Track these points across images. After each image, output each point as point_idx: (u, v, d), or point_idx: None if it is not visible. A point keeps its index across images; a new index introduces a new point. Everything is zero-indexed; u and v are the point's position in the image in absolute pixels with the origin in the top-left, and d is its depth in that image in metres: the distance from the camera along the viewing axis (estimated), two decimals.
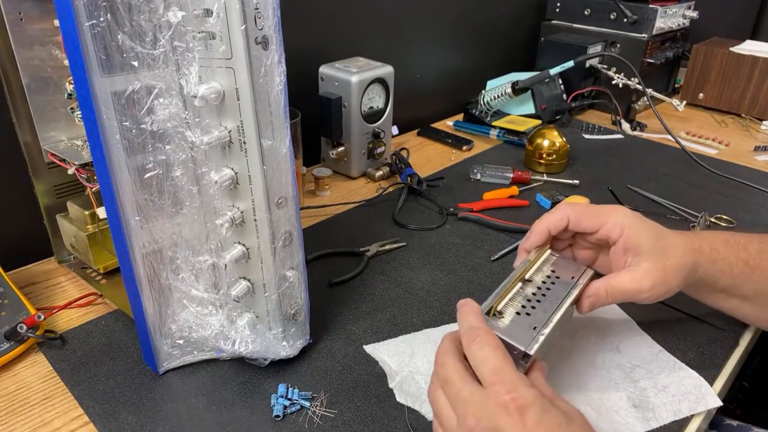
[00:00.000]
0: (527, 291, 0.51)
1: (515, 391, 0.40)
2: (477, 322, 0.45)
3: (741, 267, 0.56)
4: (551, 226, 0.56)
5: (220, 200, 0.50)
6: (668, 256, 0.53)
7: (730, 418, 0.73)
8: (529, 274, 0.53)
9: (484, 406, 0.40)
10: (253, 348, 0.56)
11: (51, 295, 0.70)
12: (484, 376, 0.42)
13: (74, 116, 0.64)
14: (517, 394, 0.40)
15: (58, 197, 0.70)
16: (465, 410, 0.41)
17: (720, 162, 1.10)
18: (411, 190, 0.95)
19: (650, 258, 0.53)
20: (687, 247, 0.55)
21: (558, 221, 0.56)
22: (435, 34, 1.27)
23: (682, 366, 0.59)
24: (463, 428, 0.41)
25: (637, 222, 0.55)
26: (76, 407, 0.55)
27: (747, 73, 1.32)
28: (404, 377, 0.57)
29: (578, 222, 0.56)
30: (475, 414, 0.40)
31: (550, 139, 1.03)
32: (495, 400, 0.40)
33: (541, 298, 0.50)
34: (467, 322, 0.46)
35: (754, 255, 0.57)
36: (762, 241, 0.58)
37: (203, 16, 0.44)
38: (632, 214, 0.56)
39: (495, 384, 0.41)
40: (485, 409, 0.40)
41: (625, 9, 1.30)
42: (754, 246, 0.57)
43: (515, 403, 0.39)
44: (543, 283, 0.52)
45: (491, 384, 0.41)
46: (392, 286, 0.72)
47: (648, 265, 0.53)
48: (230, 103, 0.47)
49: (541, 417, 0.39)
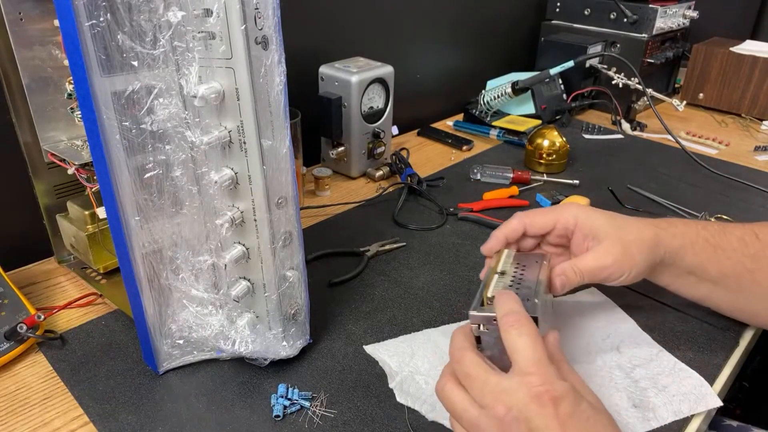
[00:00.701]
0: (506, 281, 0.53)
1: (550, 383, 0.40)
2: (517, 307, 0.45)
3: (701, 244, 0.57)
4: (508, 234, 0.59)
5: (220, 200, 0.50)
6: (626, 232, 0.55)
7: (729, 419, 0.73)
8: (500, 268, 0.55)
9: (516, 395, 0.41)
10: (253, 348, 0.56)
11: (51, 295, 0.70)
12: (519, 364, 0.42)
13: (74, 116, 0.64)
14: (552, 386, 0.40)
15: (58, 197, 0.70)
16: (494, 400, 0.41)
17: (720, 162, 1.10)
18: (411, 190, 0.95)
19: (608, 236, 0.55)
20: (644, 223, 0.57)
21: (514, 229, 0.59)
22: (435, 34, 1.27)
23: (683, 366, 0.59)
24: (490, 418, 0.41)
25: (590, 210, 0.58)
26: (76, 407, 0.55)
27: (747, 73, 1.32)
28: (404, 377, 0.57)
29: (532, 225, 0.59)
30: (505, 403, 0.41)
31: (550, 139, 1.03)
32: (528, 390, 0.40)
33: (520, 281, 0.53)
34: (507, 306, 0.46)
35: (714, 233, 0.58)
36: (723, 225, 0.59)
37: (203, 16, 0.44)
38: (584, 206, 0.59)
39: (530, 374, 0.41)
40: (517, 398, 0.40)
41: (625, 9, 1.30)
42: (714, 227, 0.59)
43: (549, 394, 0.40)
44: (515, 273, 0.54)
45: (526, 374, 0.41)
46: (392, 286, 0.72)
47: (607, 242, 0.55)
48: (230, 103, 0.47)
49: (573, 410, 0.40)
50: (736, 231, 0.58)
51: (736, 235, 0.58)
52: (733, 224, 0.60)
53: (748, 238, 0.58)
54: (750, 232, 0.58)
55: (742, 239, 0.58)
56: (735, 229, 0.59)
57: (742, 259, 0.57)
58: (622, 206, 0.92)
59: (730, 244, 0.57)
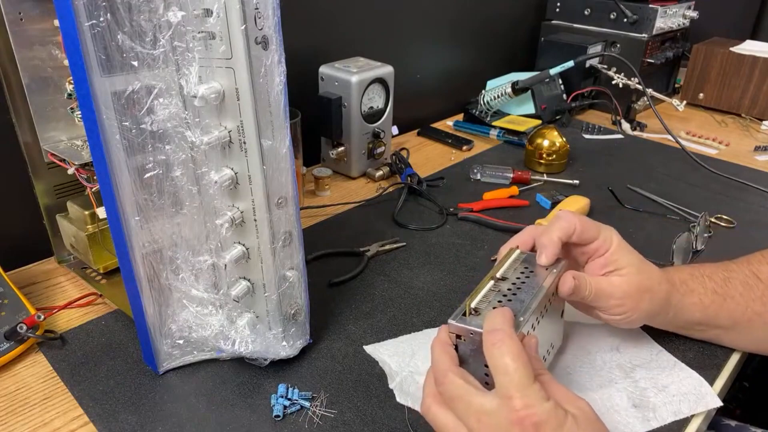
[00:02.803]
0: (503, 287, 0.51)
1: (531, 407, 0.40)
2: (503, 324, 0.44)
3: (711, 297, 0.58)
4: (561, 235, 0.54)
5: (220, 200, 0.50)
6: (646, 278, 0.55)
7: (728, 418, 0.73)
8: (501, 273, 0.53)
9: (498, 418, 0.40)
10: (253, 348, 0.56)
11: (51, 295, 0.70)
12: (501, 386, 0.41)
13: (74, 116, 0.64)
14: (533, 410, 0.40)
15: (58, 197, 0.70)
16: (477, 422, 0.41)
17: (720, 162, 1.10)
18: (411, 190, 0.95)
19: (629, 274, 0.54)
20: (663, 277, 0.56)
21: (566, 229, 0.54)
22: (435, 34, 1.27)
23: (683, 366, 0.59)
24: None
25: (624, 242, 0.56)
26: (76, 407, 0.55)
27: (747, 73, 1.32)
28: (404, 377, 0.57)
29: (583, 231, 0.55)
30: (488, 425, 0.41)
31: (550, 139, 1.03)
32: (509, 413, 0.40)
33: (517, 291, 0.51)
34: (493, 322, 0.45)
35: (720, 284, 0.58)
36: (726, 269, 0.60)
37: (203, 16, 0.44)
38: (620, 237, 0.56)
39: (511, 398, 0.40)
40: (498, 421, 0.40)
41: (625, 9, 1.30)
42: (719, 275, 0.59)
43: (530, 419, 0.39)
44: (518, 279, 0.53)
45: (507, 397, 0.41)
46: (392, 286, 0.72)
47: (626, 279, 0.54)
48: (230, 103, 0.47)
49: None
50: (739, 276, 0.59)
51: (739, 280, 0.59)
52: (732, 266, 0.60)
53: (752, 282, 0.59)
54: (750, 274, 0.59)
55: (746, 283, 0.58)
56: (737, 274, 0.59)
57: (750, 304, 0.58)
58: (622, 206, 0.92)
59: (737, 291, 0.58)
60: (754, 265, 0.60)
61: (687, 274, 0.59)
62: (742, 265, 0.60)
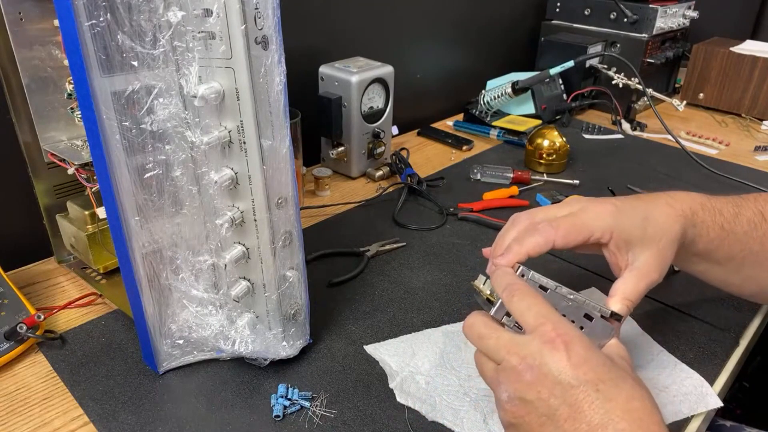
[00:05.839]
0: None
1: (562, 329, 0.41)
2: (513, 279, 0.47)
3: (717, 231, 0.56)
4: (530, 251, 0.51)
5: (220, 200, 0.50)
6: (659, 238, 0.53)
7: (723, 419, 0.73)
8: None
9: (529, 345, 0.42)
10: (253, 348, 0.56)
11: (51, 295, 0.70)
12: (528, 321, 0.43)
13: (74, 116, 0.64)
14: (563, 330, 0.41)
15: (58, 197, 0.70)
16: (507, 352, 0.42)
17: (720, 162, 1.10)
18: (411, 190, 0.94)
19: (644, 248, 0.52)
20: (672, 217, 0.53)
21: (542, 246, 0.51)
22: (435, 34, 1.27)
23: (683, 366, 0.59)
24: (506, 370, 0.42)
25: (620, 217, 0.53)
26: (76, 407, 0.55)
27: (747, 73, 1.32)
28: (405, 377, 0.57)
29: (566, 243, 0.52)
30: (518, 353, 0.42)
31: (550, 139, 1.03)
32: (541, 338, 0.41)
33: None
34: (504, 281, 0.46)
35: (729, 219, 0.57)
36: (736, 205, 0.58)
37: (203, 16, 0.44)
38: (611, 211, 0.53)
39: (541, 325, 0.42)
40: (530, 347, 0.41)
41: (625, 9, 1.30)
42: (729, 210, 0.57)
43: (561, 338, 0.41)
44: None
45: (537, 326, 0.42)
46: (392, 286, 0.72)
47: (645, 256, 0.52)
48: (230, 103, 0.47)
49: (586, 353, 0.40)
50: (747, 213, 0.57)
51: (746, 217, 0.57)
52: (741, 202, 0.58)
53: (757, 219, 0.57)
54: (757, 212, 0.57)
55: (751, 221, 0.57)
56: (746, 211, 0.57)
57: (749, 243, 0.56)
58: None
59: (742, 228, 0.56)
60: (760, 203, 0.58)
61: (698, 204, 0.56)
62: (749, 202, 0.58)
